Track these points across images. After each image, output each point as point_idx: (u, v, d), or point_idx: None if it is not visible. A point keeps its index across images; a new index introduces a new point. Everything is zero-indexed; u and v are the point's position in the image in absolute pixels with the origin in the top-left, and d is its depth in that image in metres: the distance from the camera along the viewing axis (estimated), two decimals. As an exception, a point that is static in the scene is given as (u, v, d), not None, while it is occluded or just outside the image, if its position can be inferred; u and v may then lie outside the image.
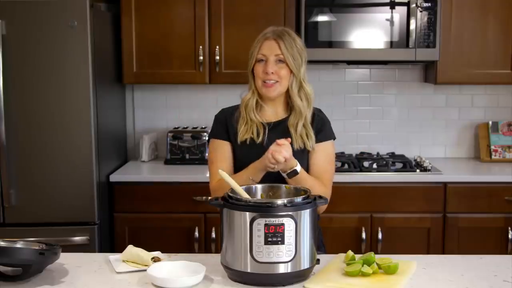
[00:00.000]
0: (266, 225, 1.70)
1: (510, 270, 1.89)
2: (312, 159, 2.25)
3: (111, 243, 3.38)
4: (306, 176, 2.14)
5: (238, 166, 2.21)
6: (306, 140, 2.20)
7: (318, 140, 2.25)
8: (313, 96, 2.25)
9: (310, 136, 2.21)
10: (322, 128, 2.27)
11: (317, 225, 2.07)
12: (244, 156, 2.21)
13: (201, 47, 3.51)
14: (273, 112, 2.26)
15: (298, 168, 2.08)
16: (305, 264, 1.76)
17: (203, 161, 3.63)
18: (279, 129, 2.22)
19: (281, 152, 1.99)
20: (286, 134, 2.20)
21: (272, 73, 2.15)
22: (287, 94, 2.23)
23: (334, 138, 2.31)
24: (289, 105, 2.25)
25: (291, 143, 2.11)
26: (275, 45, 2.17)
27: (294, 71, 2.19)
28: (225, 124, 2.26)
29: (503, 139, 3.79)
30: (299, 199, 1.77)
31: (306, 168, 2.25)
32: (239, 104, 2.28)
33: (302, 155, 2.21)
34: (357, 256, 1.93)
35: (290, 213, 1.71)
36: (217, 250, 3.20)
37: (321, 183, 2.19)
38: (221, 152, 2.25)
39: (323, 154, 2.26)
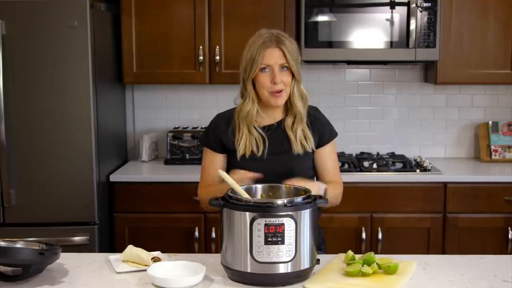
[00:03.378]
0: (266, 225, 1.70)
1: (510, 270, 1.89)
2: (322, 164, 2.26)
3: (111, 243, 3.38)
4: (330, 194, 2.11)
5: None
6: (305, 143, 2.19)
7: (324, 142, 2.25)
8: (308, 96, 2.24)
9: (308, 138, 2.20)
10: (324, 130, 2.26)
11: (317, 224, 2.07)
12: (244, 169, 2.16)
13: (201, 47, 3.51)
14: (271, 117, 2.24)
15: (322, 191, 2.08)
16: (305, 264, 1.76)
17: (203, 161, 3.63)
18: (277, 133, 2.21)
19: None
20: (285, 137, 2.20)
21: (279, 82, 2.13)
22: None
23: (336, 134, 2.30)
24: (286, 108, 2.23)
25: (290, 149, 2.18)
26: (279, 53, 2.13)
27: (297, 76, 2.17)
28: (218, 136, 2.22)
29: (503, 139, 3.79)
30: (299, 199, 1.77)
31: (311, 169, 2.26)
32: (235, 108, 2.24)
33: (304, 158, 2.21)
34: (357, 256, 1.93)
35: (290, 213, 1.71)
36: (217, 250, 3.20)
37: (335, 185, 2.23)
38: (214, 164, 2.24)
39: (330, 156, 2.27)
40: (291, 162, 2.18)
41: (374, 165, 3.49)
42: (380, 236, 3.34)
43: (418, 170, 3.43)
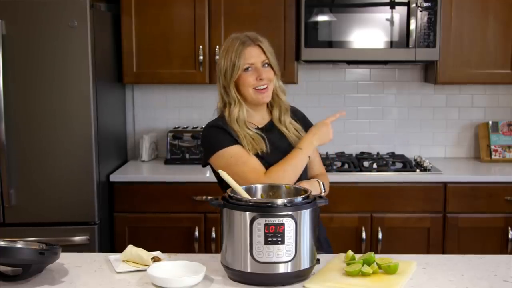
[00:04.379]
0: (266, 225, 1.70)
1: (510, 270, 1.89)
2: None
3: (111, 243, 3.38)
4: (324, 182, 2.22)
5: None
6: (299, 135, 2.24)
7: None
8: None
9: (299, 129, 2.26)
10: (306, 122, 2.33)
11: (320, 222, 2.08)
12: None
13: (201, 47, 3.51)
14: (260, 117, 2.26)
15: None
16: (305, 264, 1.76)
17: (203, 161, 3.63)
18: (273, 132, 2.23)
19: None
20: (281, 135, 2.23)
21: (264, 78, 2.15)
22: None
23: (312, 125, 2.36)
24: (270, 105, 2.26)
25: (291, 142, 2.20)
26: (259, 51, 2.15)
27: (277, 71, 2.21)
28: (228, 133, 2.15)
29: (503, 139, 3.79)
30: (299, 199, 1.77)
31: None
32: (220, 117, 2.20)
33: None
34: (357, 256, 1.93)
35: (290, 213, 1.71)
36: (217, 250, 3.20)
37: (324, 177, 2.29)
38: (244, 151, 2.12)
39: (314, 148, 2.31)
40: None
41: (374, 165, 3.49)
42: (380, 236, 3.34)
43: (418, 170, 3.43)
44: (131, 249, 1.95)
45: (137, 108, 3.93)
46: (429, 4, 3.37)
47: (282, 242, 1.70)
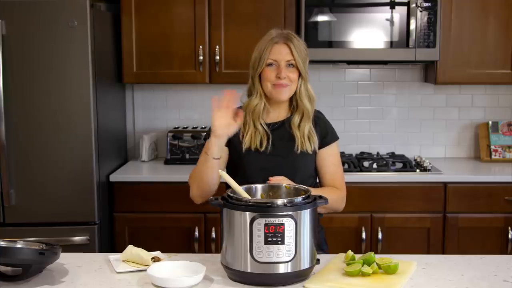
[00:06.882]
0: (266, 225, 1.70)
1: (510, 270, 1.90)
2: (323, 166, 2.27)
3: (111, 243, 3.38)
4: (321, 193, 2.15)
5: (241, 173, 2.20)
6: (308, 144, 2.21)
7: (325, 143, 2.26)
8: (315, 97, 2.26)
9: (313, 140, 2.22)
10: (327, 130, 2.29)
11: (319, 224, 2.08)
12: (247, 164, 2.20)
13: (201, 47, 3.51)
14: (276, 114, 2.26)
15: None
16: (305, 264, 1.76)
17: (203, 161, 3.63)
18: (282, 131, 2.23)
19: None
20: (289, 136, 2.22)
21: (285, 77, 2.16)
22: (292, 96, 2.24)
23: (338, 138, 2.32)
24: (292, 107, 2.25)
25: (294, 147, 2.18)
26: (286, 50, 2.16)
27: (303, 74, 2.20)
28: None
29: (503, 139, 3.79)
30: (299, 199, 1.77)
31: (313, 170, 2.26)
32: (239, 106, 2.27)
33: (307, 157, 2.22)
34: (357, 256, 1.93)
35: (290, 213, 1.71)
36: (217, 250, 3.20)
37: (334, 189, 2.23)
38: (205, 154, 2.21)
39: (332, 158, 2.28)
40: (294, 161, 2.19)
41: (374, 165, 3.49)
42: (380, 236, 3.34)
43: (418, 170, 3.43)
44: (131, 249, 1.95)
45: (137, 108, 3.92)
46: (429, 4, 3.37)
47: (282, 242, 1.70)
